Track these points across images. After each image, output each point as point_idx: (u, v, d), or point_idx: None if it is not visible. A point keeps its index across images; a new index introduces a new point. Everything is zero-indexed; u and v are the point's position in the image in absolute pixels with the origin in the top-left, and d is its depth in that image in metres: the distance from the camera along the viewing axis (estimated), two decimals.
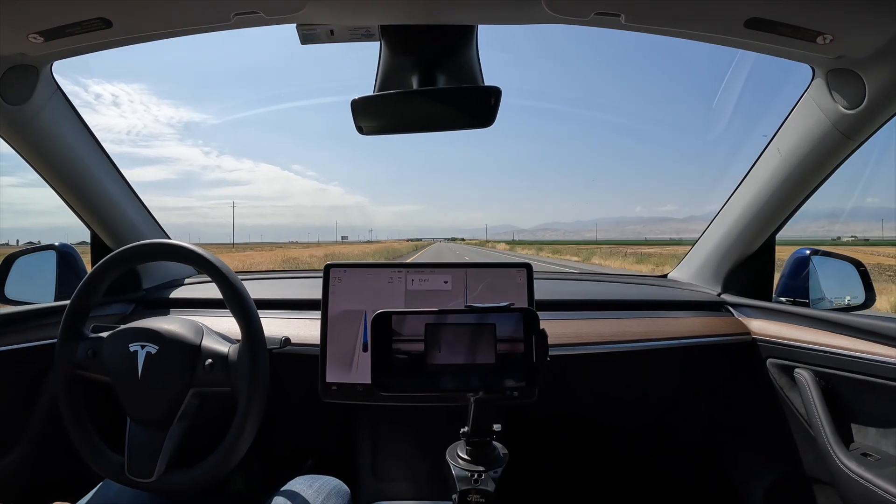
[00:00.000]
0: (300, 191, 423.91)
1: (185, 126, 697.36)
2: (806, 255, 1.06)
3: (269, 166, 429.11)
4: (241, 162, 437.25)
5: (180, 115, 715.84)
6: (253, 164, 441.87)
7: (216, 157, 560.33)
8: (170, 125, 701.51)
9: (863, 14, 0.63)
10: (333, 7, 0.68)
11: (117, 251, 0.77)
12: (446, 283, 0.88)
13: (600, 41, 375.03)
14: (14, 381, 0.90)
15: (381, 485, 1.08)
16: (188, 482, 0.70)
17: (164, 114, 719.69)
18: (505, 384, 0.60)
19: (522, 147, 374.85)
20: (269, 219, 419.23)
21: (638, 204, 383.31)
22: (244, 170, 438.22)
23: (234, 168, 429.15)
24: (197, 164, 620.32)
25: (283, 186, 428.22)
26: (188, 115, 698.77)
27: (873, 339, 0.80)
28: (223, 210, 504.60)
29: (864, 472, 0.75)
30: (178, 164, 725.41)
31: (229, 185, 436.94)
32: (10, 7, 0.63)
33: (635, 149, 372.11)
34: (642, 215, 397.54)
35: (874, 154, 1.67)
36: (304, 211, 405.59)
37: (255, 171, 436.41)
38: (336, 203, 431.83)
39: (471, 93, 0.78)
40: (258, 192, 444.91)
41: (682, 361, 1.06)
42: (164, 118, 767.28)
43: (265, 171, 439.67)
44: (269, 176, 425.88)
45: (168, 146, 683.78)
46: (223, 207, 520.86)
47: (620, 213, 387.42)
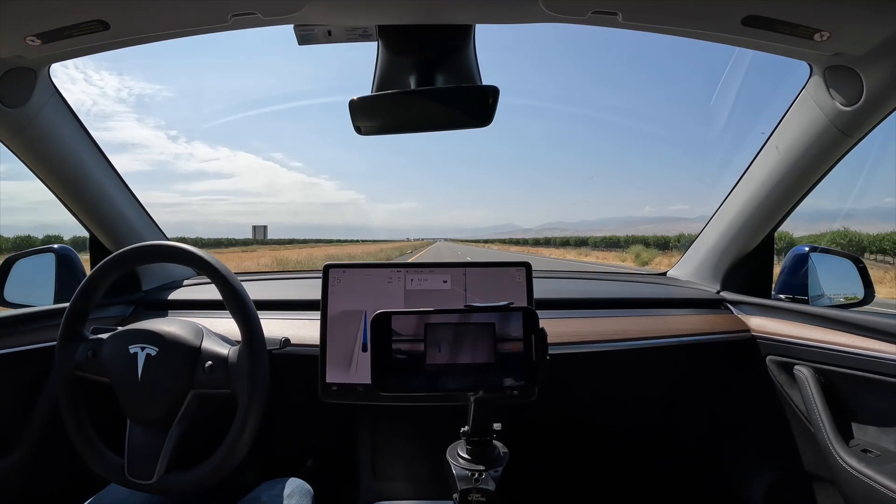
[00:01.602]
0: (289, 184, 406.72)
1: (137, 101, 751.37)
2: (805, 252, 1.06)
3: (248, 155, 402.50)
4: (217, 150, 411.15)
5: (129, 86, 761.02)
6: (230, 151, 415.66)
7: (186, 144, 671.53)
8: (120, 100, 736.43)
9: (860, 11, 0.63)
10: (331, 7, 0.68)
11: (116, 253, 0.77)
12: (445, 283, 0.88)
13: (596, 39, 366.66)
14: (14, 384, 0.90)
15: (381, 484, 1.08)
16: (188, 483, 0.71)
17: (111, 85, 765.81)
18: (505, 383, 0.60)
19: (527, 145, 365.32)
20: (265, 217, 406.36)
21: (647, 203, 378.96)
22: (222, 158, 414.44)
23: (209, 157, 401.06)
24: (169, 153, 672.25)
25: (269, 179, 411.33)
26: (138, 86, 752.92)
27: (872, 335, 0.80)
28: (214, 207, 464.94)
29: (864, 468, 0.75)
30: (147, 153, 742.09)
31: (211, 179, 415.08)
32: (7, 9, 0.63)
33: (643, 146, 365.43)
34: (651, 215, 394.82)
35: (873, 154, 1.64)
36: (298, 208, 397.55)
37: (234, 159, 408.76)
38: (329, 199, 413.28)
39: (469, 92, 0.78)
40: (243, 185, 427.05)
41: (681, 359, 1.06)
42: (111, 90, 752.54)
43: (246, 161, 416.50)
44: (251, 166, 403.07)
45: (126, 127, 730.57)
46: (213, 204, 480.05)
47: (626, 213, 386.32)
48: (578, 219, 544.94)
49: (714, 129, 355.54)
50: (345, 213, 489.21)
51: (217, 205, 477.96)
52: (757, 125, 1.75)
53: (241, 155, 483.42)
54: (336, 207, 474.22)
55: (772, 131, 0.96)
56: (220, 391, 0.73)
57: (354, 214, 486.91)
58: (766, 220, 1.05)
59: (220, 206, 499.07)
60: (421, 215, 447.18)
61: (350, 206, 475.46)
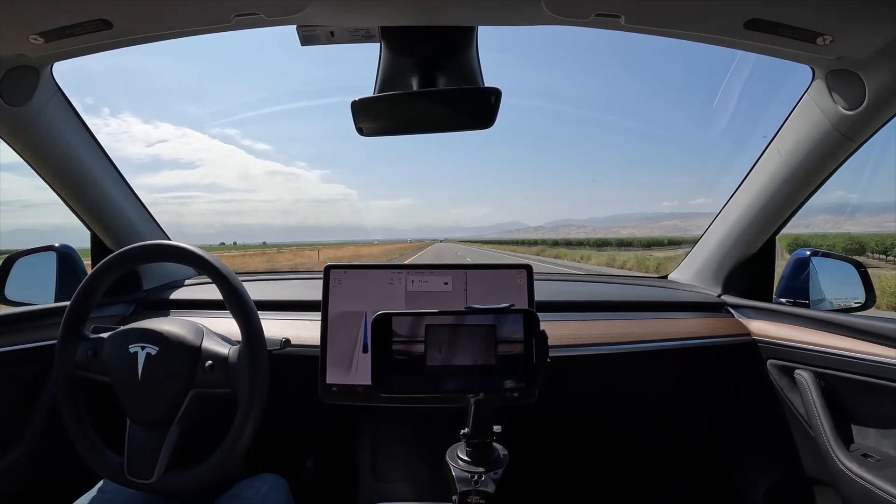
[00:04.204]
0: (261, 174, 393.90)
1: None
2: (806, 256, 1.06)
3: (194, 132, 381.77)
4: (156, 126, 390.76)
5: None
6: (173, 127, 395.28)
7: (110, 116, 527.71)
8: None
9: (863, 15, 0.63)
10: (334, 8, 0.68)
11: (117, 252, 0.77)
12: (446, 285, 0.88)
13: (600, 43, 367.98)
14: (14, 382, 0.90)
15: (381, 486, 1.08)
16: (188, 483, 0.71)
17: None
18: (505, 385, 0.60)
19: (534, 144, 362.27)
20: (256, 217, 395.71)
21: (665, 199, 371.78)
22: (171, 139, 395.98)
23: (152, 136, 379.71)
24: (104, 133, 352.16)
25: (241, 168, 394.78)
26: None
27: (873, 339, 0.80)
28: (193, 206, 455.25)
29: (865, 472, 0.75)
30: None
31: (177, 169, 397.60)
32: (10, 8, 0.64)
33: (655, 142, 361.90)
34: (669, 210, 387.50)
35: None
36: (288, 206, 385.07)
37: (188, 140, 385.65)
38: (317, 195, 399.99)
39: (471, 94, 0.78)
40: (216, 177, 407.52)
41: (682, 363, 1.06)
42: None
43: (200, 143, 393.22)
44: (205, 148, 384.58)
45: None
46: (192, 203, 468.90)
47: (637, 210, 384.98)
48: (588, 215, 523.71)
49: (716, 126, 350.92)
50: (336, 211, 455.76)
51: (195, 203, 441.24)
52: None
53: (192, 134, 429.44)
54: (330, 204, 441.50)
55: (774, 135, 0.96)
56: (220, 391, 0.73)
57: (349, 213, 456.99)
58: (768, 224, 1.04)
59: (198, 204, 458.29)
60: (421, 213, 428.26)
61: (343, 203, 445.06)
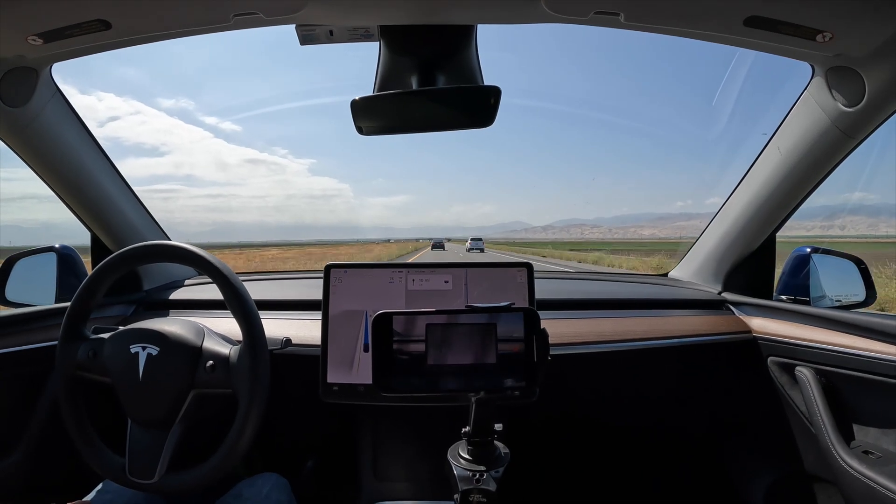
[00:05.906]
0: (238, 162, 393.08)
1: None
2: (806, 253, 1.06)
3: (146, 106, 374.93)
4: (99, 98, 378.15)
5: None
6: (120, 100, 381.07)
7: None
8: None
9: (862, 12, 0.63)
10: (333, 7, 0.68)
11: (118, 252, 0.77)
12: (447, 283, 0.88)
13: (599, 42, 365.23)
14: (15, 383, 0.90)
15: (382, 485, 1.08)
16: (189, 483, 0.71)
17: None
18: (506, 384, 0.60)
19: (536, 144, 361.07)
20: (249, 214, 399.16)
21: (678, 199, 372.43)
22: (123, 117, 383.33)
23: (103, 114, 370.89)
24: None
25: (214, 156, 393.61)
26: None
27: (874, 336, 0.80)
28: (178, 202, 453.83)
29: (866, 469, 0.75)
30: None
31: (143, 156, 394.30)
32: (9, 9, 0.63)
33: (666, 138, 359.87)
34: (684, 210, 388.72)
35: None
36: (280, 202, 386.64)
37: (144, 118, 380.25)
38: (308, 190, 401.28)
39: (470, 92, 0.78)
40: (191, 168, 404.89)
41: (682, 360, 1.06)
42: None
43: (159, 122, 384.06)
44: (165, 129, 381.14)
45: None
46: (177, 198, 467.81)
47: (649, 210, 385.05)
48: (594, 215, 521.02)
49: (715, 125, 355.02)
50: (330, 206, 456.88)
51: (179, 198, 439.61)
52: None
53: (145, 110, 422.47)
54: (324, 201, 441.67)
55: (773, 132, 0.96)
56: (221, 391, 0.73)
57: (344, 210, 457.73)
58: (768, 221, 1.04)
59: (182, 200, 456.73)
60: (421, 212, 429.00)
61: (337, 200, 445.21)
